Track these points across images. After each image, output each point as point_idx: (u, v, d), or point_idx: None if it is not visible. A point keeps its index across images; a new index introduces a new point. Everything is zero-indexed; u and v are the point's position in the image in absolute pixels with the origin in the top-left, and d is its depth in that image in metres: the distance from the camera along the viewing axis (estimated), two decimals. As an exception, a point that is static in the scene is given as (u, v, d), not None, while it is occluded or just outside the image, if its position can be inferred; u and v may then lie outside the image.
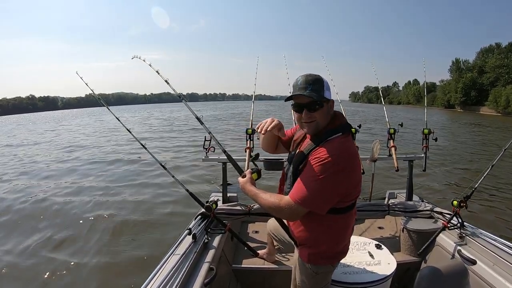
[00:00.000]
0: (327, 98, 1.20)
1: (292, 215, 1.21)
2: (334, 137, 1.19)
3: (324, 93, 1.19)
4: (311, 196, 1.13)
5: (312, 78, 1.19)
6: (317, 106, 1.18)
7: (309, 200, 1.14)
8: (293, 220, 1.32)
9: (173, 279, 1.52)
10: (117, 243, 3.80)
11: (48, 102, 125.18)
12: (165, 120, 26.74)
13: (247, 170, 1.45)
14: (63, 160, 9.25)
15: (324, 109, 1.20)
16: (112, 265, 3.30)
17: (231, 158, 1.88)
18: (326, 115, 1.22)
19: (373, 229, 2.82)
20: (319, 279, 1.36)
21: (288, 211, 1.18)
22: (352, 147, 1.21)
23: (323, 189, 1.12)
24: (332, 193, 1.15)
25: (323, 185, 1.11)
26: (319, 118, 1.21)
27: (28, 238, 3.93)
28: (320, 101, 1.18)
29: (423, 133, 2.70)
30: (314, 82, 1.18)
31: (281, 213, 1.24)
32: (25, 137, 17.52)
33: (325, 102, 1.20)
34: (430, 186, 5.93)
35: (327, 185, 1.12)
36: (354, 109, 43.54)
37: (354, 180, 1.20)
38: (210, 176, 6.58)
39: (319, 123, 1.22)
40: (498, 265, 1.72)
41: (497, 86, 42.95)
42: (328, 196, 1.15)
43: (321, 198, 1.14)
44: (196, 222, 2.16)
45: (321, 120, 1.22)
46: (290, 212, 1.18)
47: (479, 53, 51.81)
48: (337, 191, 1.16)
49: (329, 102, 1.22)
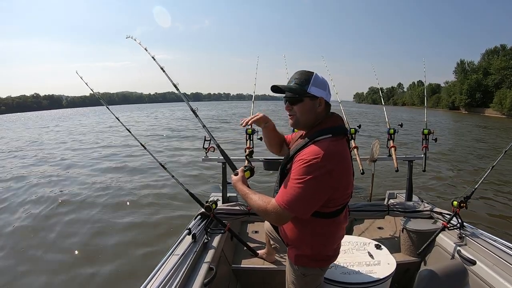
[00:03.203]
0: (312, 94, 1.16)
1: (279, 219, 1.17)
2: (323, 138, 1.14)
3: (309, 88, 1.15)
4: (296, 200, 1.09)
5: (301, 72, 1.18)
6: (297, 99, 1.17)
7: (294, 205, 1.09)
8: (280, 224, 1.28)
9: (172, 279, 1.52)
10: (116, 242, 3.82)
11: (53, 101, 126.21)
12: (165, 119, 26.74)
13: (240, 168, 1.44)
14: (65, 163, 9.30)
15: (305, 104, 1.17)
16: (111, 265, 3.32)
17: (226, 155, 1.88)
18: (309, 111, 1.18)
19: (373, 229, 2.81)
20: (308, 281, 1.33)
21: (275, 215, 1.14)
22: (343, 150, 1.15)
23: (306, 193, 1.08)
24: (315, 197, 1.10)
25: (307, 188, 1.07)
26: (298, 112, 1.18)
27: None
28: (299, 95, 1.16)
29: (423, 134, 2.70)
30: (301, 77, 1.17)
31: (268, 217, 1.20)
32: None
33: (308, 97, 1.16)
34: (430, 187, 5.90)
35: (311, 188, 1.07)
36: (355, 109, 43.33)
37: (341, 184, 1.14)
38: (210, 176, 6.59)
39: (298, 118, 1.20)
40: (497, 265, 1.71)
41: (502, 88, 42.65)
42: (312, 200, 1.10)
43: (304, 202, 1.10)
44: (196, 222, 2.16)
45: (301, 115, 1.19)
46: (276, 217, 1.15)
47: (484, 54, 51.56)
48: (321, 195, 1.11)
49: (316, 99, 1.17)
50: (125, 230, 4.16)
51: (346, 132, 1.22)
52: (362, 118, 24.72)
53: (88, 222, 4.46)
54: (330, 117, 1.23)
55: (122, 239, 3.90)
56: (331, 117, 1.23)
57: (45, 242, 3.89)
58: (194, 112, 2.04)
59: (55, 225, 4.37)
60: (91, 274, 3.18)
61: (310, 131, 1.21)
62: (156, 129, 18.32)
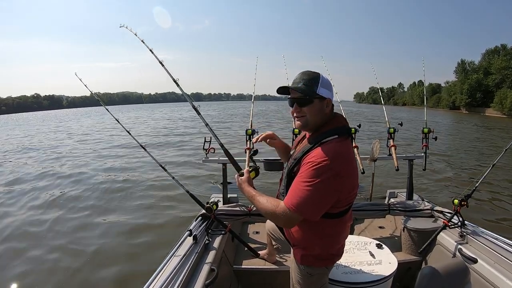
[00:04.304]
0: (321, 95, 1.16)
1: (288, 222, 1.17)
2: (329, 139, 1.14)
3: (318, 89, 1.15)
4: (306, 203, 1.08)
5: (308, 73, 1.18)
6: (307, 101, 1.16)
7: (304, 208, 1.09)
8: (290, 227, 1.27)
9: (174, 280, 1.52)
10: (117, 244, 3.82)
11: (53, 101, 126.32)
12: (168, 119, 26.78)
13: (245, 168, 1.43)
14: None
15: (314, 106, 1.17)
16: (112, 267, 3.31)
17: (230, 155, 1.87)
18: (318, 112, 1.18)
19: (374, 229, 2.81)
20: (314, 281, 1.33)
21: (284, 218, 1.14)
22: (349, 151, 1.16)
23: (316, 196, 1.08)
24: (325, 199, 1.10)
25: (316, 191, 1.07)
26: (308, 114, 1.18)
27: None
28: (309, 96, 1.16)
29: (423, 132, 2.70)
30: (308, 78, 1.16)
31: (277, 220, 1.20)
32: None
33: (317, 98, 1.16)
34: (430, 185, 5.88)
35: (321, 191, 1.07)
36: (356, 109, 43.30)
37: (349, 186, 1.16)
38: (210, 177, 6.58)
39: (308, 120, 1.19)
40: (499, 263, 1.71)
41: (502, 87, 42.58)
42: (321, 203, 1.11)
43: (314, 205, 1.10)
44: (197, 223, 2.16)
45: (310, 117, 1.18)
46: (286, 220, 1.14)
47: (484, 54, 51.53)
48: (331, 197, 1.11)
49: (324, 100, 1.18)
50: (126, 231, 4.15)
51: (350, 132, 1.22)
52: (362, 118, 24.69)
53: (86, 224, 4.45)
54: (334, 118, 1.23)
55: (123, 241, 3.90)
56: (335, 117, 1.23)
57: (45, 242, 3.90)
58: (196, 110, 2.04)
59: (55, 225, 4.39)
60: (91, 275, 3.18)
61: (316, 133, 1.21)
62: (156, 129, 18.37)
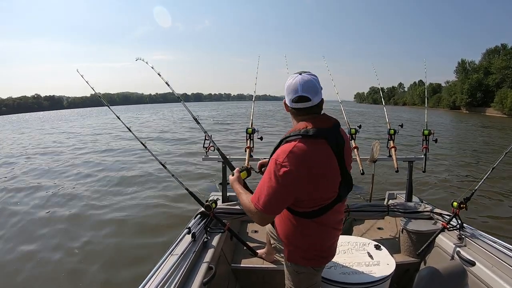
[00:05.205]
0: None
1: (260, 219, 1.20)
2: (291, 139, 1.13)
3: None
4: (264, 197, 1.12)
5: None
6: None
7: (261, 202, 1.12)
8: (263, 224, 1.30)
9: (171, 278, 1.52)
10: (115, 241, 3.83)
11: (54, 102, 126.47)
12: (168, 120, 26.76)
13: (236, 168, 1.48)
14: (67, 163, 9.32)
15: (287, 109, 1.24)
16: (109, 265, 3.33)
17: (224, 156, 1.90)
18: (291, 115, 1.26)
19: (373, 230, 2.81)
20: (302, 279, 1.33)
21: (256, 216, 1.18)
22: (310, 151, 1.09)
23: (270, 190, 1.10)
24: (279, 194, 1.11)
25: (270, 185, 1.10)
26: None
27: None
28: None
29: (423, 134, 2.69)
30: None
31: (253, 217, 1.21)
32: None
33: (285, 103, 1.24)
34: (430, 187, 5.89)
35: (273, 185, 1.09)
36: (356, 109, 43.24)
37: (309, 186, 1.11)
38: (210, 175, 6.59)
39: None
40: (497, 266, 1.71)
41: (503, 87, 42.61)
42: (276, 198, 1.11)
43: (269, 199, 1.11)
44: (196, 221, 2.16)
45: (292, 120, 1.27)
46: (258, 218, 1.18)
47: (484, 54, 51.47)
48: (285, 193, 1.11)
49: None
50: (124, 228, 4.17)
51: (324, 134, 1.12)
52: (361, 118, 24.67)
53: (83, 220, 4.48)
54: (309, 120, 1.15)
55: (121, 237, 3.92)
56: (312, 119, 1.16)
57: (45, 242, 3.91)
58: (196, 120, 2.09)
59: (54, 225, 4.39)
60: (89, 273, 3.19)
61: None
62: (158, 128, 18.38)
